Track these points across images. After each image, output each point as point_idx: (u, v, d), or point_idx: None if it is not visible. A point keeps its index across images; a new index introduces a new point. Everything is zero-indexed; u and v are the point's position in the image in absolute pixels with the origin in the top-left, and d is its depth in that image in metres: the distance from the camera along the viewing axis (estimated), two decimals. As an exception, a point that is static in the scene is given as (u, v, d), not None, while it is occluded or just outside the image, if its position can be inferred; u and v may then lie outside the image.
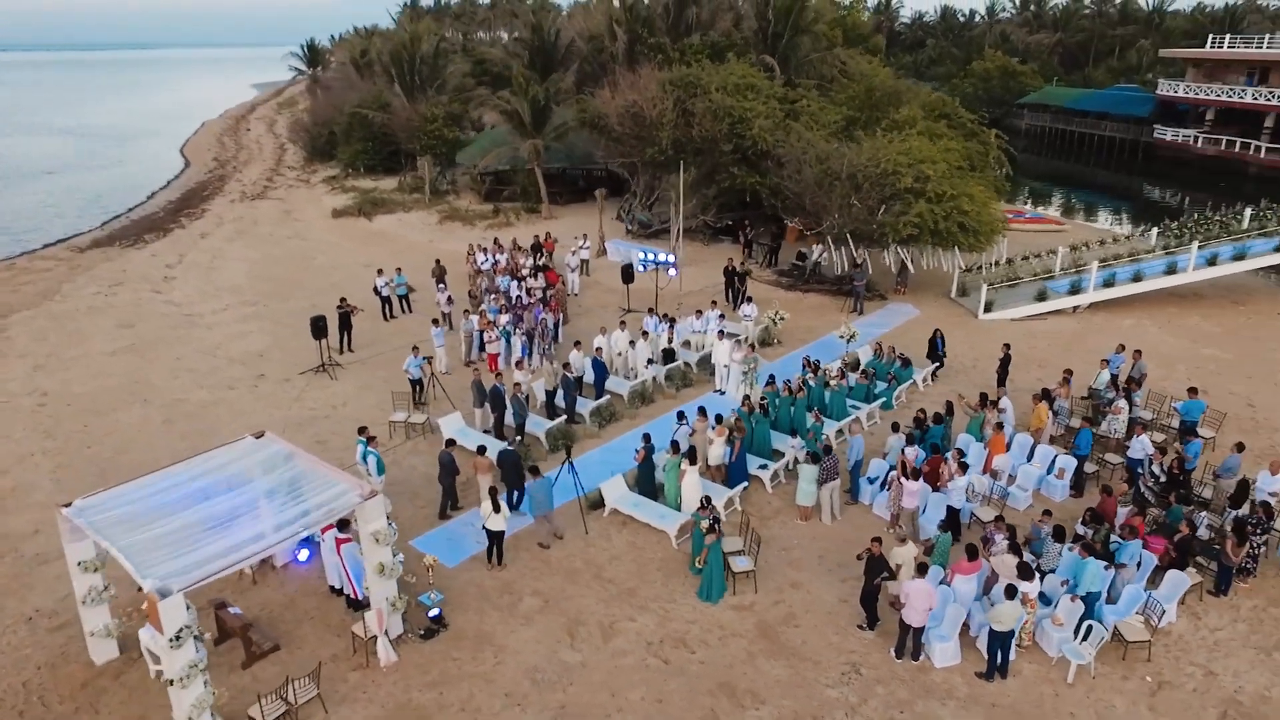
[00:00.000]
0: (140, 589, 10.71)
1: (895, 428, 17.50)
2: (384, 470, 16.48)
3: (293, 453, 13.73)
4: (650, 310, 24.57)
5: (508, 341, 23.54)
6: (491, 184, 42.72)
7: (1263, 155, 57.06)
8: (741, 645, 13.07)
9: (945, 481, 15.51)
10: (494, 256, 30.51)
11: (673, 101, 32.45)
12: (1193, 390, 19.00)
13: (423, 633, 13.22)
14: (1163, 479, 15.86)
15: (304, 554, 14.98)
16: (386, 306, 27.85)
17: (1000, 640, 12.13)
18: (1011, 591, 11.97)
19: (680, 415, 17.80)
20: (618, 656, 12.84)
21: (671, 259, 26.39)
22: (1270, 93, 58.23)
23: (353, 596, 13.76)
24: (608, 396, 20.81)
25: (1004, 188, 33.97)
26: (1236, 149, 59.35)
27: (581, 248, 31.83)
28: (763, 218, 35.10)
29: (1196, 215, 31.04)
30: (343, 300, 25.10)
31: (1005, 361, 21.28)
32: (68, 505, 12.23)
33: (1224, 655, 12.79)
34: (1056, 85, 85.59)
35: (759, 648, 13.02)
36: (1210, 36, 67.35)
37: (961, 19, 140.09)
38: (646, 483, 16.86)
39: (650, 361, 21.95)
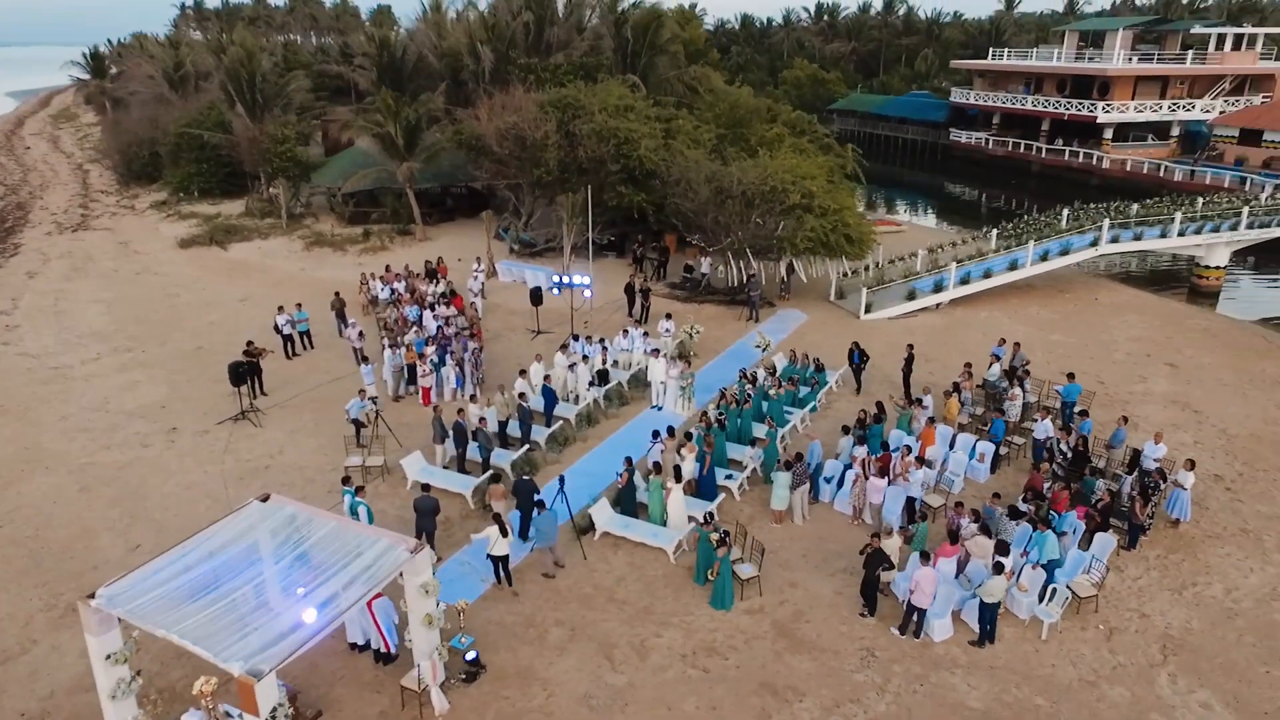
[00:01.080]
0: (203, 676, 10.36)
1: (846, 430, 19.29)
2: (373, 522, 16.25)
3: (311, 514, 13.42)
4: (575, 335, 25.14)
5: (438, 372, 23.47)
6: (355, 206, 41.36)
7: (1044, 155, 65.23)
8: (766, 646, 14.24)
9: (905, 474, 17.40)
10: (391, 285, 29.93)
11: (555, 123, 33.06)
12: (1070, 375, 22.20)
13: (464, 676, 13.40)
14: (1070, 455, 18.57)
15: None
16: (289, 345, 26.70)
17: (989, 611, 14.03)
18: (999, 568, 13.91)
19: (655, 434, 18.73)
20: (659, 672, 13.64)
21: (587, 280, 27.09)
22: (1044, 100, 66.71)
23: (384, 650, 13.67)
24: (560, 422, 21.31)
25: (859, 199, 37.19)
26: (1021, 150, 67.45)
27: (478, 270, 31.79)
28: (645, 233, 36.53)
29: (1026, 217, 35.55)
30: (249, 344, 23.90)
31: (909, 360, 23.74)
32: (91, 596, 11.45)
33: (1149, 600, 15.40)
34: (861, 92, 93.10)
35: (781, 646, 14.25)
36: (991, 50, 75.89)
37: (759, 26, 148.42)
38: (629, 504, 17.65)
39: (591, 383, 22.66)
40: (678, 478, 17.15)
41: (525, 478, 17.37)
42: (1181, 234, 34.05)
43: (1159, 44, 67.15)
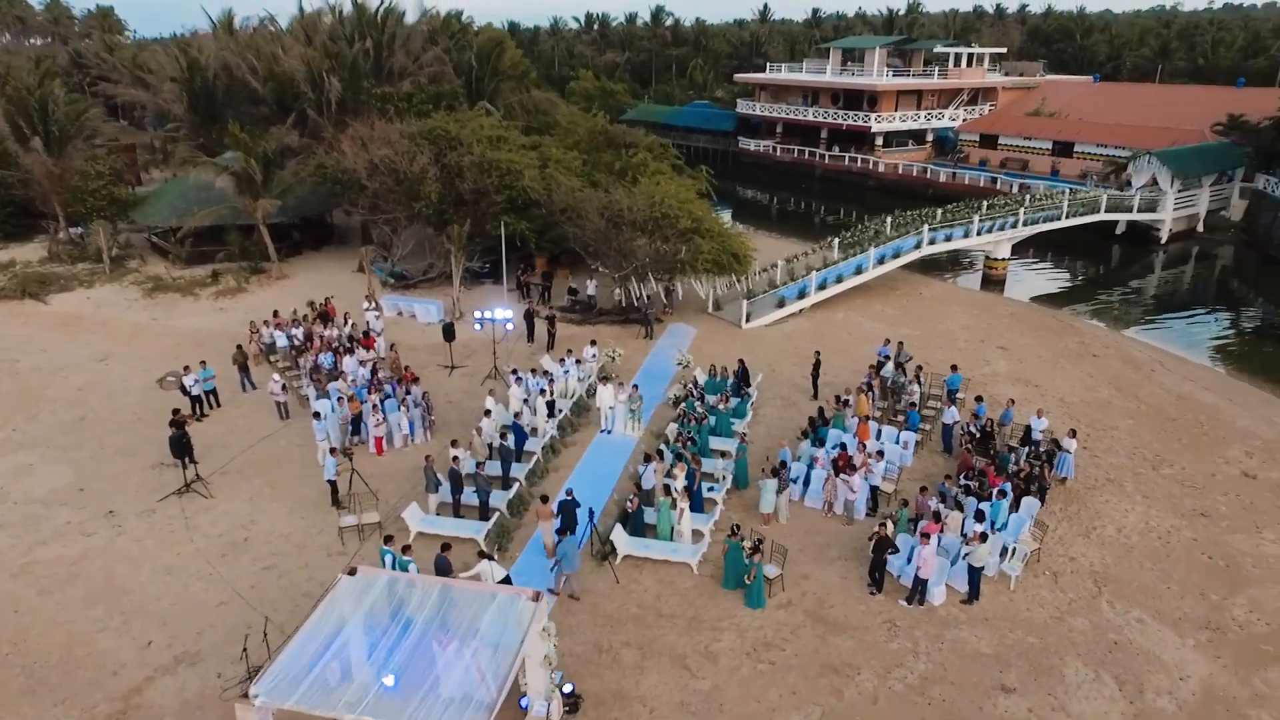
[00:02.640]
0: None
1: (805, 434, 21.88)
2: (419, 576, 16.54)
3: (408, 580, 13.79)
4: (514, 370, 25.85)
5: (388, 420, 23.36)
6: (192, 246, 38.51)
7: (826, 161, 72.72)
8: (808, 633, 16.42)
9: (867, 468, 20.25)
10: (289, 331, 28.79)
11: (431, 156, 33.12)
12: (954, 366, 26.33)
13: (567, 709, 14.38)
14: (979, 435, 22.37)
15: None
16: (198, 406, 25.11)
17: (976, 574, 17.12)
18: (984, 537, 17.03)
19: (647, 457, 20.27)
20: (734, 672, 15.39)
21: (509, 314, 27.76)
22: (822, 111, 74.34)
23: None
24: (536, 456, 22.16)
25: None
26: (806, 156, 74.68)
27: (371, 308, 31.26)
28: (518, 259, 37.39)
29: (860, 226, 40.38)
30: (177, 412, 22.42)
31: (817, 365, 26.89)
32: (245, 696, 11.33)
33: (1069, 546, 19.28)
34: (649, 103, 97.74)
35: (821, 631, 16.50)
36: (769, 66, 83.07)
37: (527, 34, 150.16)
38: (637, 526, 19.10)
39: (549, 415, 23.67)
40: (689, 497, 18.88)
41: (568, 498, 18.38)
42: (980, 233, 40.39)
43: (908, 60, 76.91)
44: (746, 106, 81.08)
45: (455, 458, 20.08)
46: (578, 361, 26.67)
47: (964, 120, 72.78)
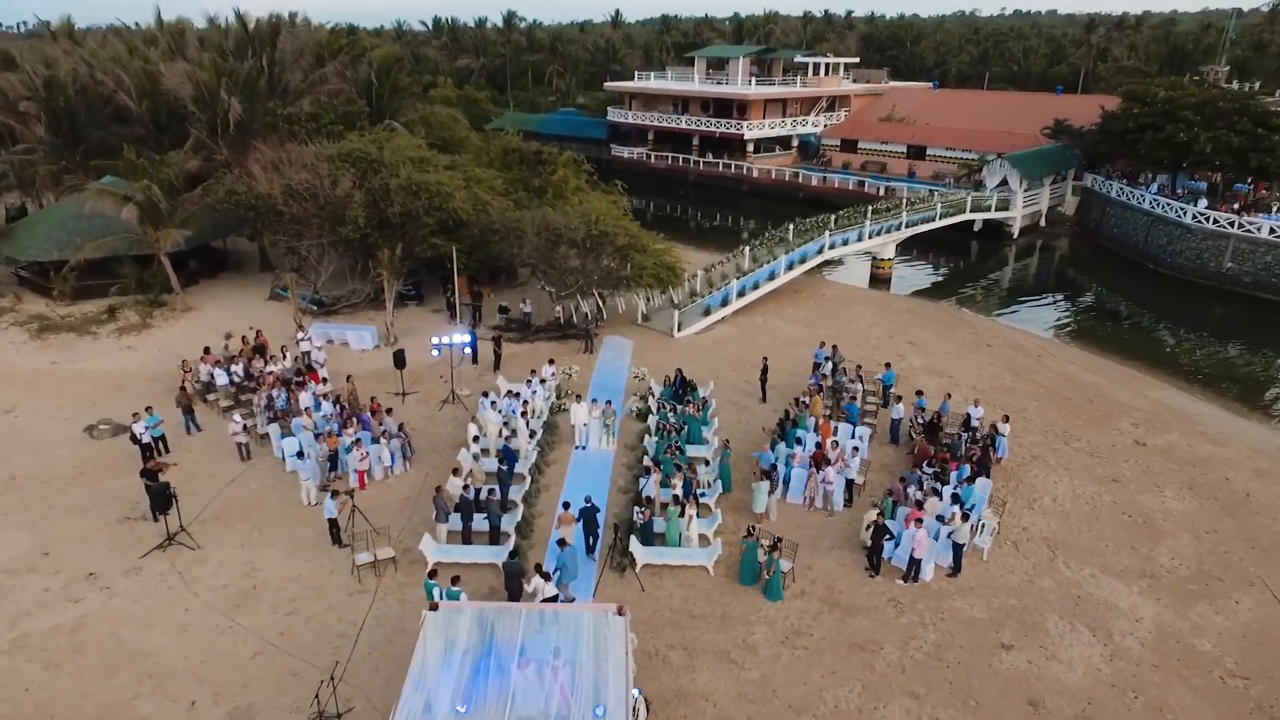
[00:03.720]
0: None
1: (780, 435, 23.58)
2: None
3: (495, 609, 14.31)
4: (486, 394, 26.17)
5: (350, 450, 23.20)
6: (77, 280, 35.90)
7: (701, 167, 75.56)
8: (828, 617, 18.10)
9: (845, 463, 22.18)
10: (229, 369, 27.74)
11: (353, 180, 32.61)
12: (887, 364, 28.87)
13: (635, 714, 15.34)
14: (925, 426, 24.86)
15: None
16: (149, 454, 23.91)
17: (959, 549, 19.35)
18: (965, 516, 19.27)
19: (647, 470, 21.35)
20: (775, 660, 16.82)
21: (467, 339, 27.99)
22: (696, 119, 77.18)
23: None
24: (528, 477, 22.72)
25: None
26: (680, 163, 77.28)
27: (304, 339, 30.52)
28: (441, 280, 37.31)
29: (767, 235, 42.78)
30: (148, 461, 21.45)
31: (764, 370, 28.75)
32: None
33: (1019, 517, 21.94)
34: (514, 111, 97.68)
35: (838, 614, 18.21)
36: (637, 74, 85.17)
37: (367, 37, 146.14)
38: (646, 536, 20.17)
39: (531, 435, 24.27)
40: (696, 504, 20.14)
41: (588, 504, 19.40)
42: (871, 236, 43.80)
43: (768, 69, 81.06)
44: (618, 115, 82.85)
45: (466, 485, 20.39)
46: (542, 381, 27.29)
47: (825, 126, 77.54)
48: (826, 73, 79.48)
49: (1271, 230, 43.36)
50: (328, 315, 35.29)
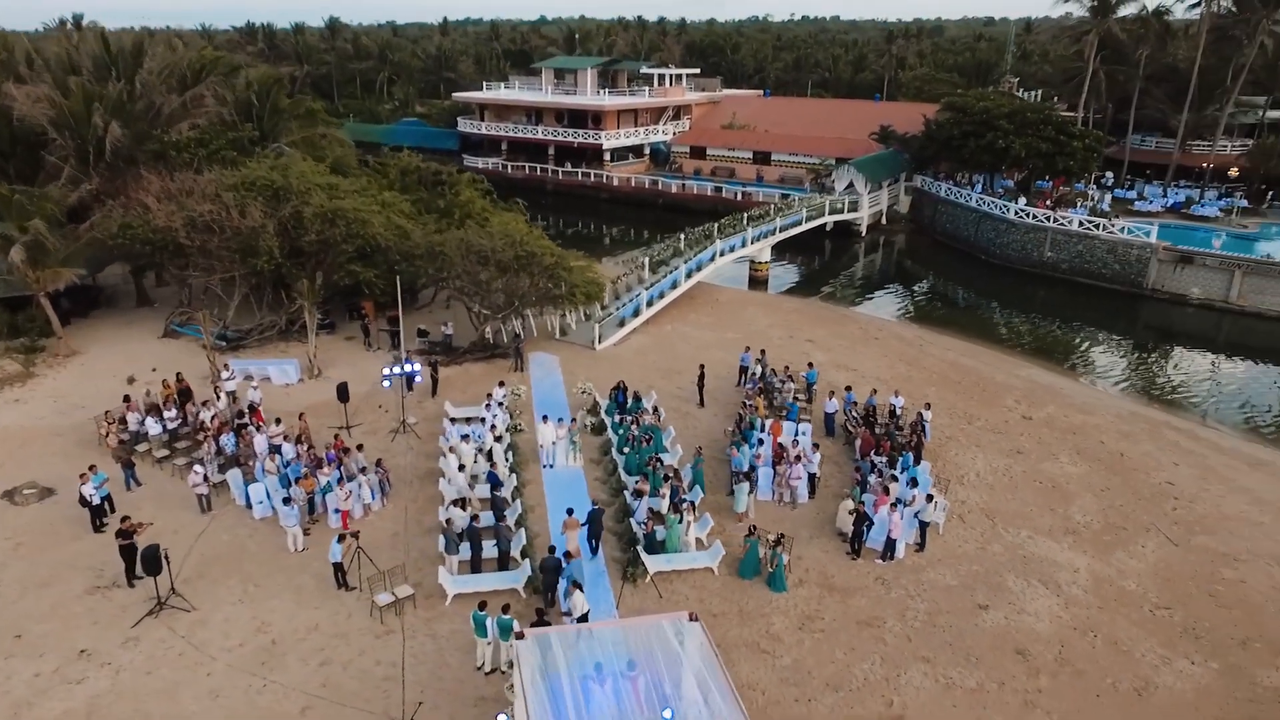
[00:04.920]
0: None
1: (743, 438, 25.41)
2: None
3: (575, 631, 15.12)
4: (453, 419, 26.29)
5: (329, 490, 22.90)
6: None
7: (560, 177, 76.59)
8: (831, 600, 20.12)
9: (807, 459, 24.34)
10: (160, 417, 26.15)
11: (263, 208, 31.37)
12: (810, 364, 31.46)
13: (699, 709, 16.64)
14: (859, 419, 27.56)
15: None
16: (99, 516, 22.33)
17: (925, 527, 21.98)
18: (930, 497, 21.92)
19: (638, 492, 22.54)
20: (800, 644, 18.61)
21: (416, 367, 27.86)
22: (547, 130, 78.09)
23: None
24: (516, 500, 23.25)
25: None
26: (538, 172, 77.92)
27: (230, 377, 29.19)
28: (347, 306, 36.55)
29: (664, 244, 44.63)
30: (125, 521, 20.15)
31: (701, 377, 30.56)
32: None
33: (954, 492, 24.96)
34: (353, 121, 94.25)
35: (837, 597, 20.28)
36: (485, 84, 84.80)
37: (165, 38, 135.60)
38: (650, 545, 21.40)
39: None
40: (692, 509, 21.59)
41: (595, 507, 20.78)
42: (754, 241, 46.79)
43: (614, 80, 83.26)
44: (470, 125, 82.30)
45: (476, 516, 20.76)
46: (499, 403, 27.71)
47: (675, 134, 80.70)
48: (671, 83, 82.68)
49: (1080, 224, 50.29)
50: (235, 350, 33.63)
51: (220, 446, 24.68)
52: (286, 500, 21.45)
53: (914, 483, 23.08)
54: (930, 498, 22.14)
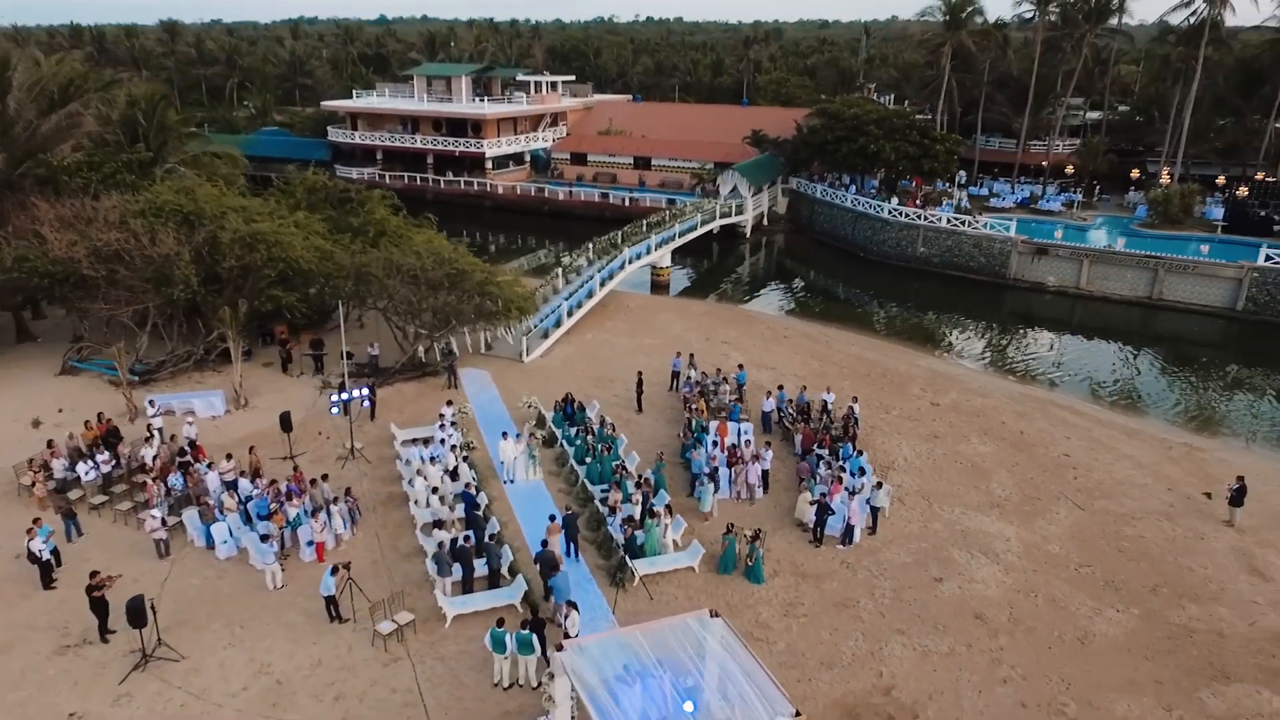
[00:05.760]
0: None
1: (695, 441, 26.70)
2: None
3: (614, 637, 15.92)
4: (418, 440, 26.19)
5: (299, 523, 22.60)
6: None
7: (441, 186, 75.59)
8: (806, 587, 21.76)
9: (761, 456, 25.94)
10: (92, 461, 24.70)
11: (176, 235, 29.98)
12: (740, 365, 33.16)
13: (714, 700, 17.81)
14: (795, 416, 29.48)
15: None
16: (48, 572, 21.02)
17: (876, 512, 24.04)
18: (880, 484, 23.98)
19: (612, 509, 23.41)
20: (789, 630, 20.12)
21: (366, 392, 27.53)
22: (427, 139, 76.88)
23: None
24: (495, 522, 23.57)
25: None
26: (418, 181, 76.55)
27: (155, 414, 27.82)
28: (258, 330, 35.34)
29: (574, 254, 45.30)
30: (94, 576, 19.14)
31: (640, 384, 31.68)
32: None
33: (890, 477, 27.28)
34: (210, 131, 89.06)
35: (811, 583, 21.95)
36: (354, 91, 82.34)
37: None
38: (633, 550, 22.36)
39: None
40: (670, 514, 22.72)
41: (570, 512, 21.83)
42: (658, 247, 48.30)
43: (488, 87, 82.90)
44: (342, 135, 79.80)
45: (468, 537, 21.04)
46: (453, 423, 27.83)
47: (555, 141, 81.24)
48: (547, 90, 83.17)
49: (948, 221, 54.84)
50: (146, 384, 31.88)
51: (169, 487, 23.68)
52: (265, 538, 21.00)
53: (861, 471, 25.14)
54: (880, 484, 24.23)
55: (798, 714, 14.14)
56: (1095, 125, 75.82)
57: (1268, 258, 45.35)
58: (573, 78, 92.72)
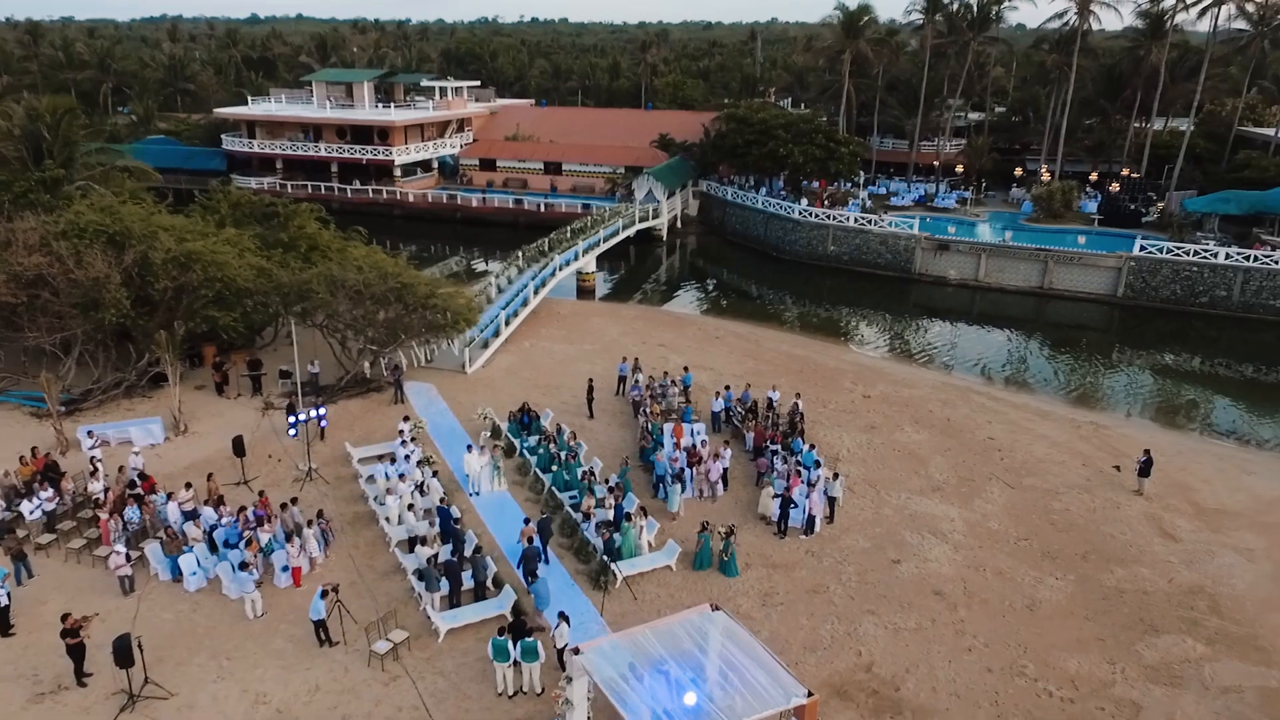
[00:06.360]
0: None
1: (657, 445, 27.56)
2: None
3: (631, 635, 16.62)
4: (382, 457, 26.03)
5: (278, 549, 22.35)
6: None
7: (350, 195, 73.80)
8: (779, 577, 22.97)
9: (720, 455, 27.03)
10: (37, 498, 23.55)
11: (105, 257, 28.74)
12: (686, 368, 34.21)
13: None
14: (743, 414, 30.75)
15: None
16: (4, 617, 20.05)
17: (834, 502, 25.52)
18: (836, 475, 25.45)
19: (585, 515, 24.01)
20: (769, 619, 21.27)
21: (323, 411, 27.16)
22: (331, 146, 74.95)
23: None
24: (471, 534, 23.77)
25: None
26: (323, 190, 74.47)
27: (94, 445, 26.70)
28: (187, 355, 34.14)
29: (507, 264, 45.34)
30: (67, 616, 18.42)
31: (590, 390, 32.32)
32: None
33: (841, 467, 28.91)
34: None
35: (782, 573, 23.18)
36: (250, 98, 79.33)
37: None
38: (610, 552, 23.06)
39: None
40: (644, 515, 23.52)
41: (544, 516, 22.79)
42: (584, 253, 48.94)
43: (391, 93, 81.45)
44: (239, 143, 76.81)
45: (453, 551, 21.23)
46: (413, 439, 27.79)
47: (463, 147, 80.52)
48: (453, 95, 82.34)
49: (856, 220, 57.61)
50: (72, 414, 30.38)
51: (126, 521, 22.86)
52: (244, 565, 20.67)
53: (818, 464, 26.60)
54: (836, 475, 25.74)
55: (810, 694, 15.25)
56: (978, 126, 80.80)
57: (1142, 248, 49.76)
58: (478, 83, 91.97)
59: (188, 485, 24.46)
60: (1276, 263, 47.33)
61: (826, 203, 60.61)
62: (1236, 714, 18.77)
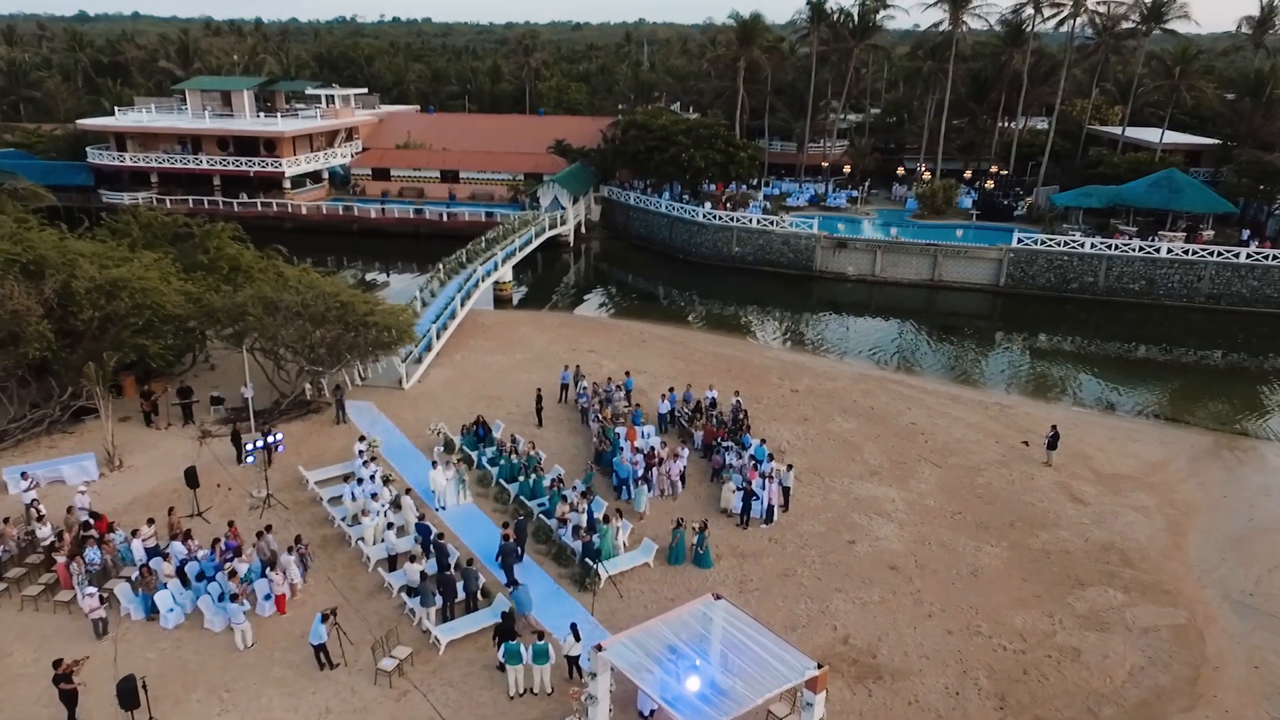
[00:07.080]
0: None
1: (614, 449, 28.55)
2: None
3: (641, 632, 17.62)
4: (347, 478, 25.86)
5: (258, 578, 22.14)
6: None
7: (236, 208, 70.73)
8: (750, 565, 24.47)
9: (676, 456, 28.31)
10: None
11: (23, 287, 27.26)
12: (627, 373, 35.28)
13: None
14: (690, 415, 32.16)
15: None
16: (-26, 671, 19.11)
17: (788, 491, 27.27)
18: (790, 466, 27.19)
19: (561, 520, 24.78)
20: (750, 605, 22.50)
21: (279, 436, 26.71)
22: (214, 159, 71.74)
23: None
24: (452, 548, 24.09)
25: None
26: (205, 205, 70.98)
27: (30, 486, 25.39)
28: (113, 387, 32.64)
29: (432, 274, 45.03)
30: (58, 666, 17.79)
31: (539, 399, 32.96)
32: None
33: (786, 459, 30.74)
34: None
35: (752, 561, 24.70)
36: (117, 109, 74.74)
37: None
38: (591, 553, 23.95)
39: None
40: (621, 517, 24.54)
41: (520, 518, 23.98)
42: (503, 262, 49.23)
43: (272, 102, 78.60)
44: (107, 156, 72.29)
45: (454, 566, 21.61)
46: (373, 458, 27.74)
47: (353, 157, 78.61)
48: (340, 103, 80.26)
49: (758, 221, 60.20)
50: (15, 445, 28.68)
51: (88, 563, 22.01)
52: (234, 597, 20.41)
53: (770, 457, 28.30)
54: (790, 466, 27.50)
55: (820, 665, 16.73)
56: (859, 128, 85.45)
57: (1019, 240, 54.42)
58: (364, 90, 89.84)
59: (150, 521, 23.70)
60: (1133, 250, 52.86)
61: (729, 205, 62.92)
62: (1157, 649, 21.57)
